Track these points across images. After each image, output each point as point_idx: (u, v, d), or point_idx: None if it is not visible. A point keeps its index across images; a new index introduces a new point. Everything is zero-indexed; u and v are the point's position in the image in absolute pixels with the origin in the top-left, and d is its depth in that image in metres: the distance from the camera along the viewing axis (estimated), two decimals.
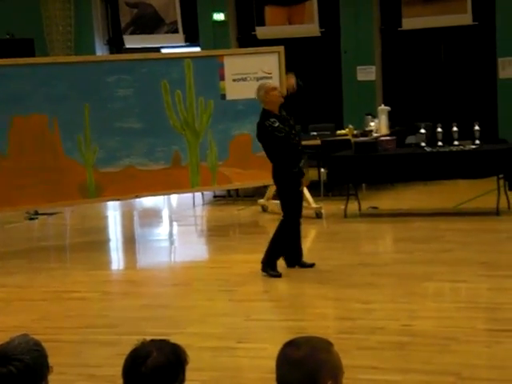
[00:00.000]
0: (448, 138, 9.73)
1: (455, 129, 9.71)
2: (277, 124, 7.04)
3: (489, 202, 9.52)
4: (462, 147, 9.51)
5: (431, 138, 9.94)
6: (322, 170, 11.11)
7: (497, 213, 9.22)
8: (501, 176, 9.32)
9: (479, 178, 9.59)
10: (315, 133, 12.29)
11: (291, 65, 11.55)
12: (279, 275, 7.11)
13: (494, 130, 13.12)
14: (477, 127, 9.65)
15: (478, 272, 6.82)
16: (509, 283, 6.45)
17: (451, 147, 9.57)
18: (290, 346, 2.10)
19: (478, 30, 13.80)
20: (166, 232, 10.61)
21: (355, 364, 4.58)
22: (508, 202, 9.38)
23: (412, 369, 4.73)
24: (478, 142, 9.59)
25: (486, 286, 6.44)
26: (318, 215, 9.86)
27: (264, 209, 10.68)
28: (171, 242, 9.78)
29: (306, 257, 7.55)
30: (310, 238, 9.49)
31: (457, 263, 7.18)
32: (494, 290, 6.32)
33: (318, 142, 11.50)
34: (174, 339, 2.45)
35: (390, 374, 4.64)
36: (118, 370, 2.38)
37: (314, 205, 9.92)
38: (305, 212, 9.96)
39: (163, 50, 15.48)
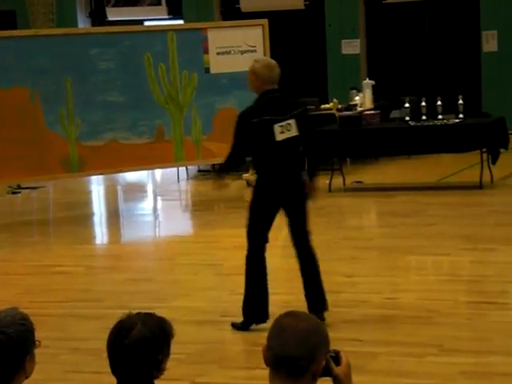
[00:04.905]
0: (432, 111, 9.74)
1: (439, 103, 9.72)
2: None
3: (472, 176, 9.56)
4: (445, 121, 9.53)
5: (415, 112, 9.94)
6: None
7: (480, 186, 9.26)
8: (484, 150, 9.35)
9: (463, 152, 9.62)
10: None
11: (275, 38, 11.48)
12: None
13: (477, 103, 13.14)
14: (460, 101, 9.67)
15: (460, 245, 6.87)
16: (490, 256, 6.50)
17: (435, 121, 9.58)
18: (291, 317, 2.07)
19: (463, 2, 13.77)
20: (150, 207, 10.59)
21: (340, 337, 4.62)
22: (491, 175, 9.43)
23: (395, 341, 4.78)
24: (461, 115, 9.61)
25: (468, 259, 6.49)
26: None
27: (249, 183, 10.67)
28: (155, 217, 9.77)
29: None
30: None
31: (440, 237, 7.22)
32: (476, 263, 6.37)
33: None
34: (158, 313, 2.44)
35: (374, 347, 4.69)
36: (102, 344, 2.38)
37: None
38: None
39: (146, 23, 15.33)
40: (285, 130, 4.99)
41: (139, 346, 2.28)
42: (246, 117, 5.04)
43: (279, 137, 4.98)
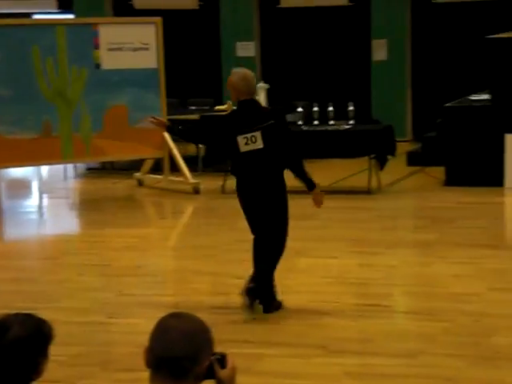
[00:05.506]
0: (324, 117, 9.89)
1: (331, 108, 9.88)
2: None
3: (361, 181, 9.76)
4: (336, 127, 9.70)
5: (308, 117, 10.07)
6: (200, 145, 11.04)
7: (368, 192, 9.48)
8: (372, 156, 9.58)
9: (352, 158, 9.81)
10: (194, 107, 12.19)
11: (169, 37, 11.37)
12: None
13: (367, 110, 13.47)
14: (351, 107, 9.87)
15: (348, 248, 6.99)
16: (376, 259, 6.64)
17: (327, 126, 9.74)
18: (175, 318, 2.03)
19: (354, 10, 14.08)
20: (35, 204, 10.26)
21: (228, 338, 4.58)
22: (379, 181, 9.66)
23: (282, 342, 4.80)
24: (351, 122, 9.81)
25: (356, 262, 6.61)
26: (196, 190, 9.80)
27: (140, 183, 10.52)
28: (41, 215, 9.47)
29: (184, 233, 7.43)
30: (187, 214, 9.44)
31: (329, 240, 7.32)
32: (363, 266, 6.49)
33: (196, 116, 11.41)
34: (41, 314, 2.37)
35: (262, 348, 4.68)
36: None
37: (191, 180, 9.85)
38: (182, 187, 9.91)
39: (35, 16, 14.92)
40: (249, 142, 5.11)
41: (15, 348, 2.21)
42: (218, 122, 5.34)
43: (243, 148, 5.12)
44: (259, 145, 5.12)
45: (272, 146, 5.14)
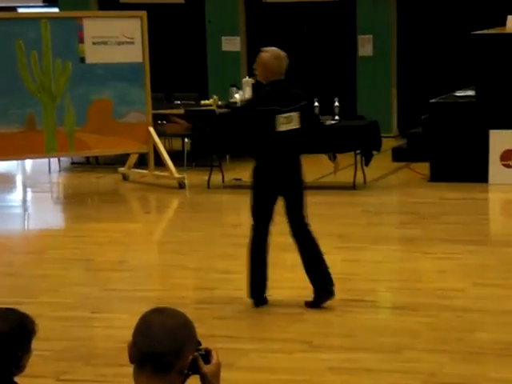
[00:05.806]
0: None
1: (316, 104, 9.87)
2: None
3: (346, 177, 9.77)
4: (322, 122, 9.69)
5: None
6: (186, 139, 11.02)
7: (353, 187, 9.49)
8: (358, 151, 9.59)
9: (337, 153, 9.79)
10: (179, 102, 12.14)
11: (154, 31, 11.33)
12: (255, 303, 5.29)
13: (352, 106, 13.48)
14: (336, 103, 9.88)
15: (333, 244, 6.99)
16: (361, 255, 6.66)
17: None
18: (158, 313, 2.03)
19: (340, 6, 14.08)
20: (19, 198, 10.20)
21: (212, 333, 4.59)
22: (364, 176, 9.68)
23: (267, 337, 4.80)
24: (337, 117, 9.82)
25: (341, 258, 6.62)
26: (181, 185, 9.78)
27: (125, 177, 10.48)
28: (25, 209, 9.42)
29: (169, 227, 7.42)
30: (172, 209, 9.42)
31: (315, 235, 7.32)
32: (348, 262, 6.51)
33: (181, 111, 11.37)
34: (24, 308, 2.37)
35: (246, 343, 4.69)
36: None
37: (176, 175, 9.83)
38: (167, 182, 9.89)
39: (20, 10, 14.82)
40: (286, 122, 5.12)
41: None
42: (252, 103, 5.33)
43: (280, 127, 5.10)
44: (295, 125, 5.15)
45: (305, 126, 5.20)
